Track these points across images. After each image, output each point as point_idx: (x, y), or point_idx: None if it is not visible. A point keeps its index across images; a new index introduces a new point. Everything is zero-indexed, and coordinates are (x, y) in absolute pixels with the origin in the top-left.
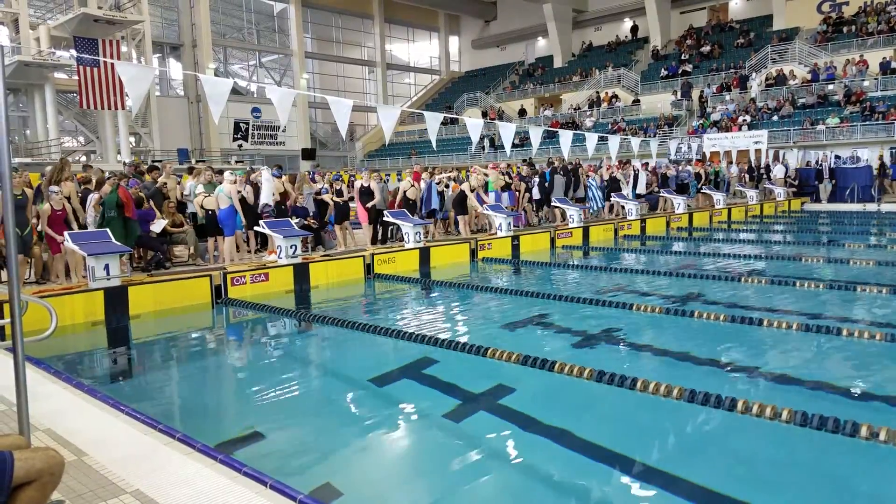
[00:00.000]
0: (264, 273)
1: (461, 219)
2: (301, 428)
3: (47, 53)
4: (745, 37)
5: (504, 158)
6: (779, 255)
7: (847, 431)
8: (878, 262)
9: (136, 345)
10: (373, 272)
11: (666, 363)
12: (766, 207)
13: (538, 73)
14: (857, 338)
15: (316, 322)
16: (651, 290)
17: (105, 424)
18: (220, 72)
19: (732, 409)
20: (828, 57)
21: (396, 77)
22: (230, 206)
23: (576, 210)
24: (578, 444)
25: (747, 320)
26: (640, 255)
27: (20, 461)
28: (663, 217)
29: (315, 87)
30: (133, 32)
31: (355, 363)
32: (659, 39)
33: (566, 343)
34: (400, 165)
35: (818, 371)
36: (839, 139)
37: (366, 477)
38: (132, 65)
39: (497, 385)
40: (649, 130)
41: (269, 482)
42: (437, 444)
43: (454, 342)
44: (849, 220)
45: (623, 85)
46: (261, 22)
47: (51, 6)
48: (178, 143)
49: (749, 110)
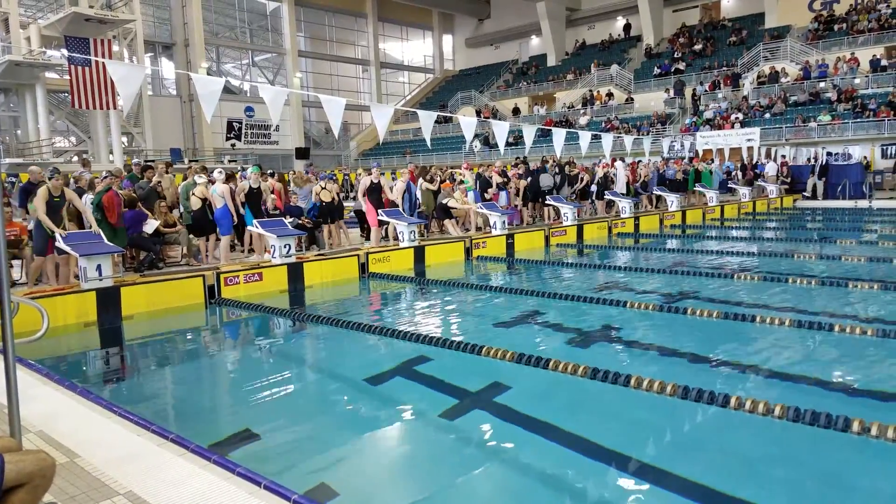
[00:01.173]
0: (258, 273)
1: (447, 222)
2: (295, 428)
3: (38, 53)
4: (737, 35)
5: (498, 157)
6: (771, 251)
7: (839, 426)
8: (869, 259)
9: (128, 346)
10: (367, 271)
11: (660, 360)
12: (759, 205)
13: (532, 71)
14: (849, 333)
15: (310, 322)
16: (645, 287)
17: (97, 426)
18: (212, 71)
19: (726, 406)
20: (819, 55)
21: (390, 76)
22: (224, 206)
23: (569, 208)
24: (573, 441)
25: (740, 317)
26: (633, 252)
27: (11, 464)
28: (657, 215)
29: (308, 86)
30: (125, 31)
31: (350, 362)
32: (652, 38)
33: (561, 341)
34: (394, 164)
35: (810, 367)
36: (831, 136)
37: (361, 476)
38: (123, 64)
39: (492, 383)
40: (643, 128)
41: (264, 482)
42: (432, 443)
43: (449, 340)
44: (840, 217)
45: (616, 83)
46: (254, 21)
47: (41, 5)
48: (171, 143)
49: (741, 108)
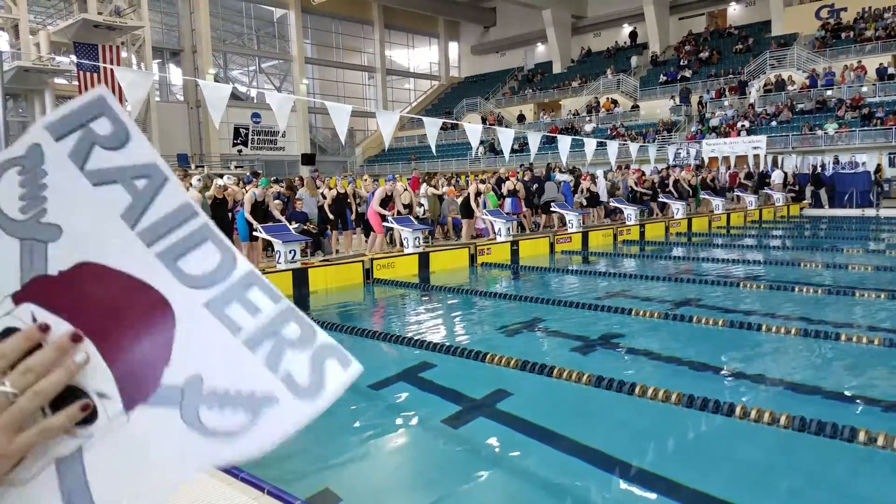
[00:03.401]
0: None
1: (465, 222)
2: (299, 433)
3: (47, 59)
4: (743, 42)
5: (503, 164)
6: (777, 259)
7: (845, 436)
8: (876, 267)
9: None
10: (372, 277)
11: (665, 368)
12: (766, 213)
13: (537, 78)
14: (856, 342)
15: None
16: (650, 294)
17: None
18: (220, 77)
19: (731, 415)
20: (826, 63)
21: (396, 82)
22: None
23: (574, 215)
24: (577, 448)
25: (746, 325)
26: (639, 259)
27: None
28: (662, 222)
29: (315, 93)
30: (133, 38)
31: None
32: (658, 45)
33: (565, 348)
34: (400, 170)
35: (816, 376)
36: (838, 145)
37: (364, 483)
38: (130, 70)
39: (496, 390)
40: (648, 136)
41: (267, 488)
42: (435, 450)
43: (453, 347)
44: (847, 226)
45: (622, 91)
46: (261, 28)
47: (51, 12)
48: (178, 149)
49: (748, 116)
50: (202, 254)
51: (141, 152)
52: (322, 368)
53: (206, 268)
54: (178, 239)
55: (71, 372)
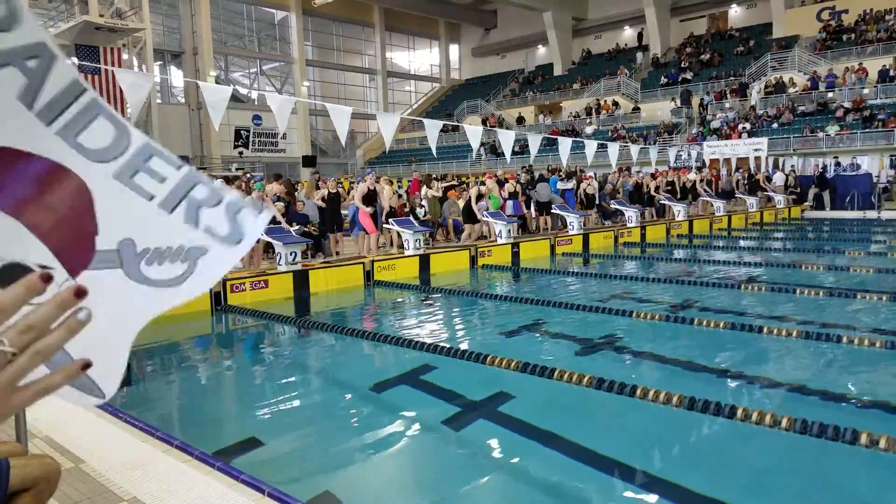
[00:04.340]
0: (264, 280)
1: (468, 227)
2: (300, 435)
3: None
4: (744, 45)
5: (504, 166)
6: (778, 262)
7: (847, 439)
8: (878, 270)
9: (134, 352)
10: (373, 279)
11: (666, 370)
12: (766, 215)
13: (538, 80)
14: (857, 345)
15: (316, 329)
16: (651, 297)
17: (103, 431)
18: (220, 79)
19: (732, 417)
20: (827, 65)
21: (397, 85)
22: None
23: (576, 217)
24: (578, 451)
25: (747, 327)
26: (640, 262)
27: (16, 468)
28: (663, 224)
29: (315, 95)
30: (134, 40)
31: (355, 370)
32: (659, 47)
33: (566, 350)
34: (401, 172)
35: (818, 378)
36: (839, 147)
37: (365, 485)
38: (131, 72)
39: (497, 392)
40: (649, 138)
41: (268, 490)
42: (436, 452)
43: (454, 349)
44: (849, 228)
45: (623, 93)
46: (262, 30)
47: (52, 14)
48: (179, 151)
49: (749, 118)
50: (98, 128)
51: (30, 33)
52: (236, 218)
53: (105, 142)
54: (74, 115)
55: (73, 331)
